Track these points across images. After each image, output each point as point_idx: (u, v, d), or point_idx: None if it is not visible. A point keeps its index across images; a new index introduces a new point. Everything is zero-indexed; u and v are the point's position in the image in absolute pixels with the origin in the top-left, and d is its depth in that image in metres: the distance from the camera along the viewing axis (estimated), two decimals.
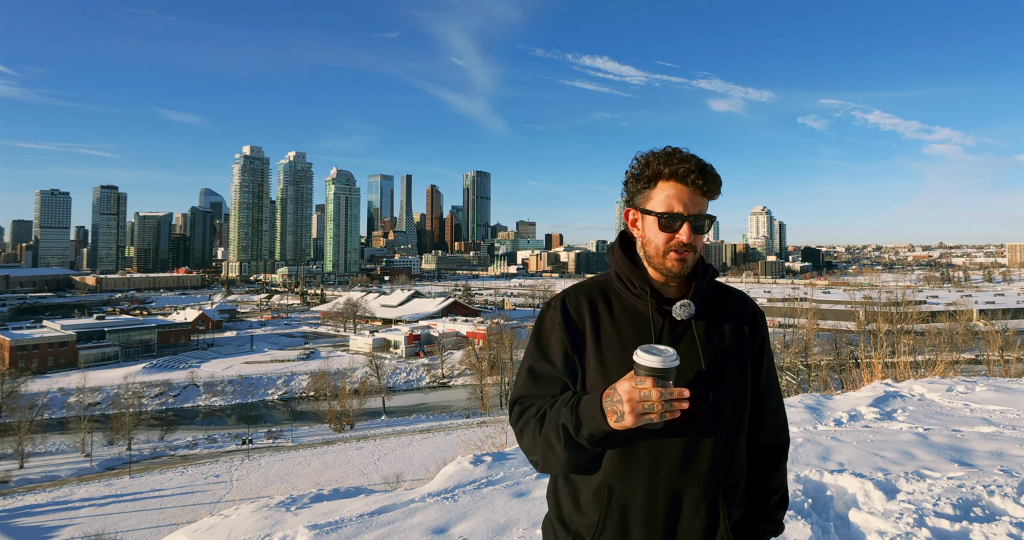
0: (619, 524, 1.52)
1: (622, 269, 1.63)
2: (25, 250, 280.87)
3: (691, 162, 1.53)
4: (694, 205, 1.54)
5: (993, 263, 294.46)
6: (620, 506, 1.52)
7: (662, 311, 1.59)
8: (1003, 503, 4.25)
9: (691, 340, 1.57)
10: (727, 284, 1.76)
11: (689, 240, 1.53)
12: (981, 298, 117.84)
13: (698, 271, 1.63)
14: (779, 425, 1.75)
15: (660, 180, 1.56)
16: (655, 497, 1.50)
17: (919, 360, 12.57)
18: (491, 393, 68.41)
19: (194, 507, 13.25)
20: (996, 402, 8.05)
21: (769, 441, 1.72)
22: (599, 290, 1.66)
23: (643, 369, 1.36)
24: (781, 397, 1.77)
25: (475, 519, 4.43)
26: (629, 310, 1.61)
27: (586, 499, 1.56)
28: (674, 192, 1.54)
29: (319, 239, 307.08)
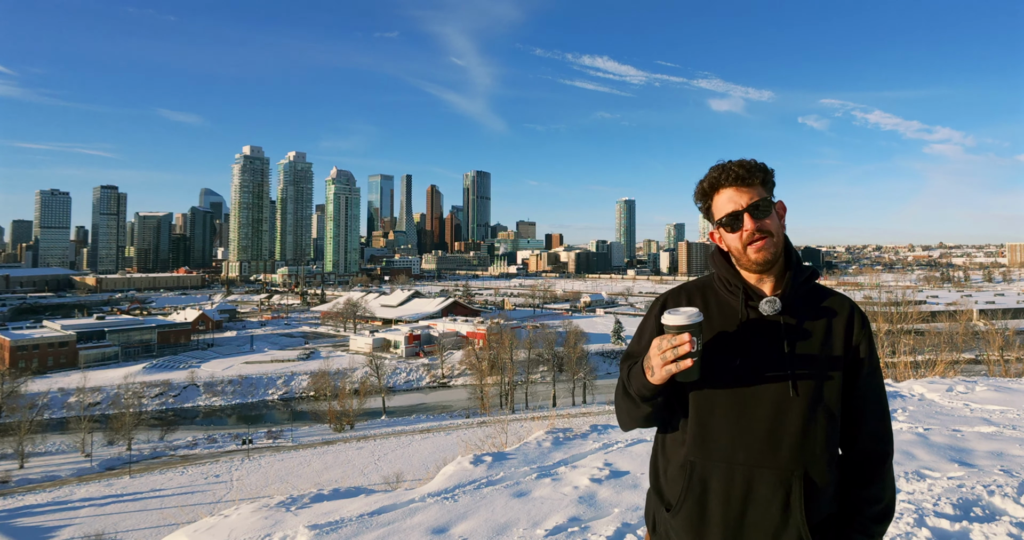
0: (699, 499, 1.64)
1: (720, 270, 1.78)
2: (25, 250, 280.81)
3: (720, 166, 1.72)
4: (744, 197, 1.68)
5: (993, 263, 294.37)
6: (700, 482, 1.65)
7: (751, 306, 1.70)
8: (1003, 503, 4.25)
9: (776, 335, 1.66)
10: (831, 288, 1.81)
11: (755, 226, 1.66)
12: (981, 298, 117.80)
13: (791, 268, 1.74)
14: (880, 433, 1.73)
15: (713, 195, 1.74)
16: (732, 478, 1.61)
17: (919, 360, 12.58)
18: (491, 393, 68.40)
19: (194, 507, 13.25)
20: (996, 402, 8.05)
21: (866, 446, 1.72)
22: (700, 289, 1.82)
23: (669, 328, 1.54)
24: (886, 406, 1.76)
25: (475, 519, 4.43)
26: (723, 306, 1.74)
27: (673, 473, 1.72)
28: (724, 197, 1.71)
29: (319, 239, 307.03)
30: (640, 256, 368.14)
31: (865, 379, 1.71)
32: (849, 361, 1.69)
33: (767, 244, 1.66)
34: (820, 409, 1.62)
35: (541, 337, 79.56)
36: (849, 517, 1.69)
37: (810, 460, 1.60)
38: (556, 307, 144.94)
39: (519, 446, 6.74)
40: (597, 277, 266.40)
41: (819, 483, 1.61)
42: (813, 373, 1.63)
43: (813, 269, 1.76)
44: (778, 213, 1.74)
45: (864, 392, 1.71)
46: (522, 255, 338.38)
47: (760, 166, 1.71)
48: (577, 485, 5.13)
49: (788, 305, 1.69)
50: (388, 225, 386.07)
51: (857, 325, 1.71)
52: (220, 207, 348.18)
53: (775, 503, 1.58)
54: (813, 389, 1.62)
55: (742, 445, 1.61)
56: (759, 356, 1.65)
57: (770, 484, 1.59)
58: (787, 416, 1.61)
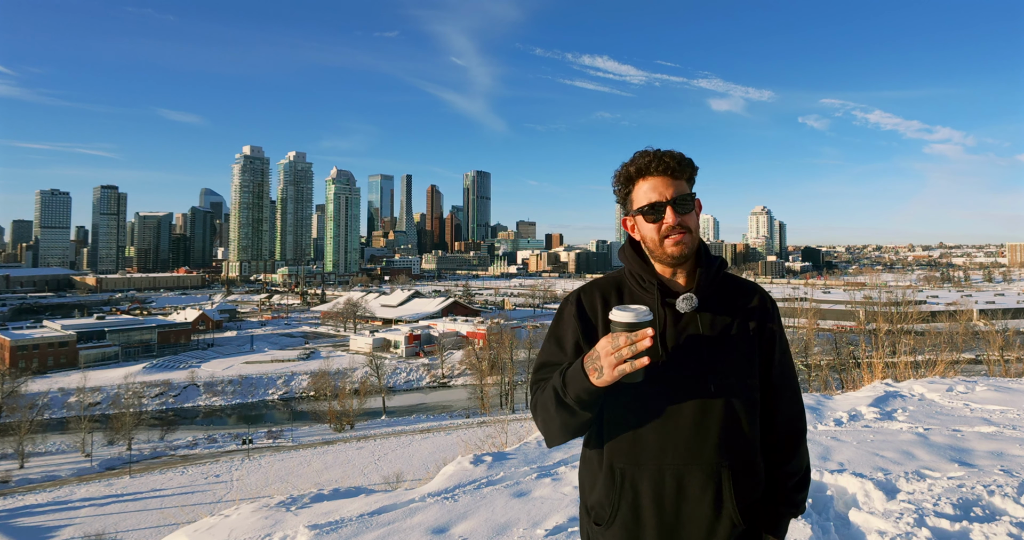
0: (632, 505, 1.63)
1: (632, 265, 1.75)
2: (25, 250, 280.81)
3: (651, 154, 1.68)
4: (670, 189, 1.65)
5: (993, 263, 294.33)
6: (632, 488, 1.63)
7: (667, 304, 1.69)
8: (1003, 503, 4.25)
9: (695, 331, 1.66)
10: (739, 276, 1.81)
11: (676, 221, 1.64)
12: (981, 298, 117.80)
13: (703, 263, 1.72)
14: (794, 413, 1.79)
15: (635, 181, 1.70)
16: (662, 480, 1.61)
17: (919, 360, 12.57)
18: (491, 393, 68.40)
19: (194, 507, 13.26)
20: (996, 402, 8.05)
21: (784, 428, 1.77)
22: (614, 286, 1.78)
23: (618, 326, 1.46)
24: (797, 386, 1.81)
25: (475, 519, 4.43)
26: (639, 301, 1.71)
27: (603, 483, 1.68)
28: (648, 185, 1.67)
29: (319, 239, 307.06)
30: None
31: (778, 366, 1.75)
32: (763, 350, 1.73)
33: (685, 239, 1.64)
34: (740, 401, 1.64)
35: (541, 337, 79.36)
36: (772, 492, 1.74)
37: (735, 451, 1.63)
38: (556, 307, 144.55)
39: (519, 446, 6.75)
40: (597, 277, 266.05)
41: (746, 471, 1.65)
42: (731, 367, 1.65)
43: (722, 260, 1.77)
44: (696, 210, 1.73)
45: (778, 378, 1.75)
46: (522, 255, 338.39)
47: (690, 161, 1.69)
48: (577, 485, 5.13)
49: (703, 300, 1.68)
50: (388, 225, 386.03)
51: (769, 313, 1.75)
52: (220, 207, 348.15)
53: (706, 497, 1.60)
54: (732, 383, 1.64)
55: (670, 446, 1.61)
56: (679, 354, 1.64)
57: (700, 480, 1.60)
58: (710, 412, 1.62)
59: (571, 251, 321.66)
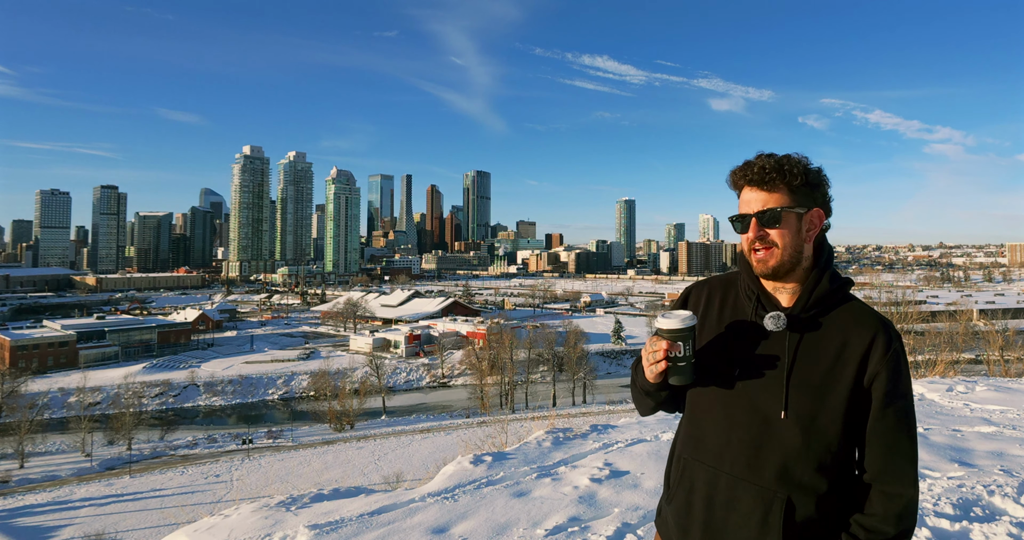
0: (687, 495, 1.68)
1: (742, 271, 1.73)
2: (25, 250, 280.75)
3: (749, 162, 1.62)
4: (759, 202, 1.59)
5: (993, 263, 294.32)
6: (689, 479, 1.68)
7: (759, 317, 1.64)
8: (1003, 503, 4.25)
9: (779, 352, 1.59)
10: (866, 306, 1.65)
11: (755, 234, 1.59)
12: (981, 298, 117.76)
13: (813, 281, 1.61)
14: (889, 469, 1.54)
15: (741, 189, 1.65)
16: (717, 482, 1.62)
17: (919, 360, 12.58)
18: (491, 393, 68.41)
19: (194, 507, 13.24)
20: (996, 402, 8.05)
21: (877, 484, 1.56)
22: (723, 286, 1.78)
23: (658, 331, 1.61)
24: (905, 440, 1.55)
25: (475, 519, 4.43)
26: (738, 309, 1.70)
27: (674, 464, 1.79)
28: (745, 197, 1.63)
29: (319, 239, 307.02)
30: (640, 256, 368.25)
31: (880, 411, 1.54)
32: (860, 390, 1.54)
33: (767, 256, 1.58)
34: (812, 436, 1.53)
35: (541, 337, 79.55)
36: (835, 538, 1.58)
37: (794, 485, 1.53)
38: (556, 307, 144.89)
39: (519, 446, 6.74)
40: (597, 277, 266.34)
41: (804, 509, 1.53)
42: (810, 397, 1.54)
43: (843, 281, 1.64)
44: (811, 223, 1.60)
45: (880, 426, 1.54)
46: (522, 255, 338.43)
47: (788, 169, 1.56)
48: (577, 485, 5.13)
49: (799, 321, 1.59)
50: (388, 225, 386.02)
51: (878, 351, 1.54)
52: (220, 207, 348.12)
53: (754, 518, 1.55)
54: (808, 414, 1.53)
55: (728, 456, 1.60)
56: (758, 370, 1.59)
57: (751, 498, 1.55)
58: (775, 437, 1.55)
59: (571, 251, 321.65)
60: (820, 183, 1.61)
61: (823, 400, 1.54)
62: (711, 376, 1.65)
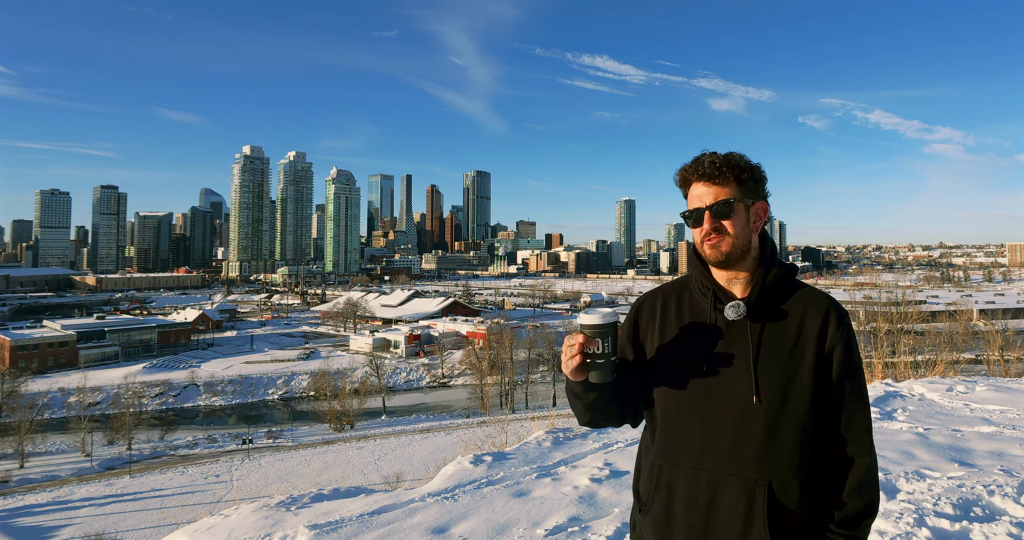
0: (665, 502, 1.66)
1: (694, 270, 1.78)
2: (25, 250, 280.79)
3: (699, 159, 1.70)
4: (712, 195, 1.66)
5: (993, 263, 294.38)
6: (667, 485, 1.67)
7: (719, 310, 1.69)
8: (1003, 503, 4.25)
9: (744, 340, 1.64)
10: (812, 287, 1.73)
11: (711, 226, 1.65)
12: (981, 298, 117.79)
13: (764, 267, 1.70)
14: (849, 440, 1.63)
15: (689, 186, 1.72)
16: (697, 483, 1.62)
17: (919, 360, 12.58)
18: (491, 393, 68.40)
19: (194, 507, 13.24)
20: (996, 402, 8.05)
21: (837, 456, 1.64)
22: (677, 290, 1.83)
23: (581, 327, 1.63)
24: (860, 410, 1.64)
25: (475, 519, 4.43)
26: (695, 308, 1.74)
27: (646, 474, 1.76)
28: (695, 191, 1.70)
29: (319, 239, 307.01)
30: (640, 256, 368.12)
31: (839, 384, 1.63)
32: (821, 365, 1.62)
33: (719, 242, 1.64)
34: (786, 417, 1.58)
35: (541, 337, 79.58)
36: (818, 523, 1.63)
37: (775, 469, 1.57)
38: (556, 307, 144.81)
39: (519, 446, 6.75)
40: (597, 277, 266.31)
41: (786, 492, 1.58)
42: (779, 379, 1.60)
43: (789, 267, 1.72)
44: (756, 214, 1.69)
45: (838, 397, 1.63)
46: (522, 255, 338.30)
47: (735, 163, 1.66)
48: (577, 485, 5.13)
49: (757, 308, 1.66)
50: (388, 225, 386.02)
51: (832, 327, 1.64)
52: (220, 207, 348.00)
53: (738, 511, 1.57)
54: (778, 396, 1.59)
55: (709, 451, 1.61)
56: (726, 361, 1.63)
57: (734, 492, 1.57)
58: (752, 424, 1.58)
59: (571, 251, 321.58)
60: (763, 178, 1.71)
61: (791, 379, 1.61)
62: (681, 376, 1.67)
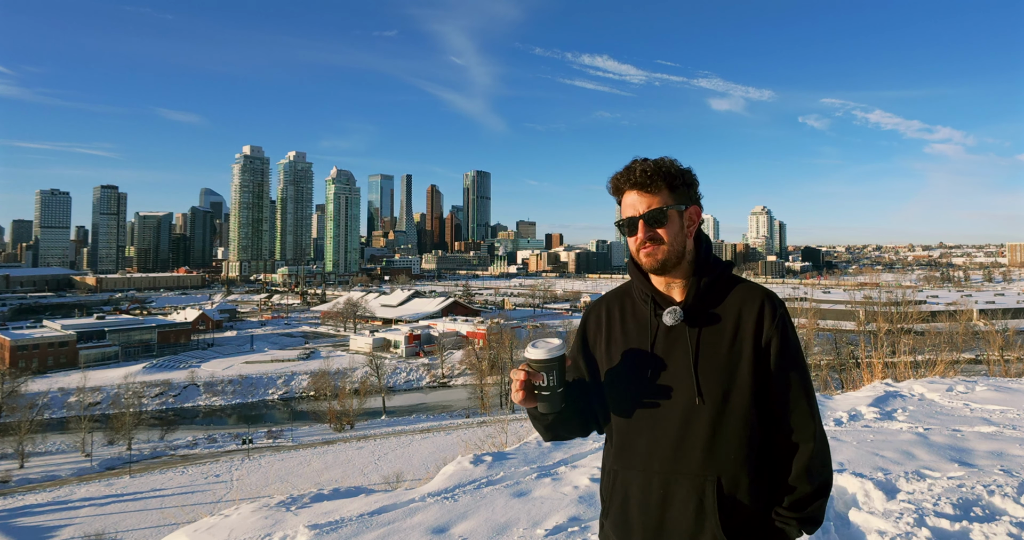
0: (621, 506, 1.72)
1: (633, 277, 1.81)
2: (25, 250, 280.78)
3: (631, 167, 1.70)
4: (644, 203, 1.69)
5: (993, 263, 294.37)
6: (622, 488, 1.72)
7: (658, 315, 1.73)
8: (1003, 503, 4.25)
9: (684, 343, 1.68)
10: (749, 282, 1.76)
11: (645, 235, 1.68)
12: (981, 298, 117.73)
13: (696, 274, 1.73)
14: (793, 429, 1.67)
15: (622, 194, 1.74)
16: (649, 485, 1.67)
17: (919, 360, 12.57)
18: (491, 393, 68.37)
19: (194, 507, 13.26)
20: (996, 402, 8.05)
21: (784, 445, 1.68)
22: (620, 297, 1.85)
23: (528, 362, 1.66)
24: (801, 398, 1.68)
25: (475, 519, 4.43)
26: (638, 315, 1.77)
27: (605, 479, 1.81)
28: (628, 200, 1.71)
29: (319, 239, 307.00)
30: None
31: (777, 374, 1.66)
32: (760, 358, 1.65)
33: (654, 250, 1.67)
34: (729, 413, 1.63)
35: (541, 336, 79.34)
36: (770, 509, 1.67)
37: (723, 465, 1.62)
38: (556, 307, 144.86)
39: (519, 446, 6.75)
40: (597, 277, 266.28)
41: (735, 485, 1.62)
42: (719, 378, 1.63)
43: (723, 266, 1.75)
44: (690, 219, 1.73)
45: (778, 387, 1.67)
46: (522, 255, 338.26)
47: (667, 171, 1.68)
48: (577, 485, 5.14)
49: (693, 312, 1.69)
50: (388, 225, 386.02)
51: (767, 320, 1.66)
52: (220, 207, 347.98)
53: (689, 509, 1.62)
54: (720, 394, 1.63)
55: (657, 454, 1.66)
56: (668, 366, 1.68)
57: (684, 490, 1.62)
58: (696, 423, 1.63)
59: (571, 251, 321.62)
60: (694, 182, 1.74)
61: (731, 377, 1.64)
62: (627, 384, 1.72)
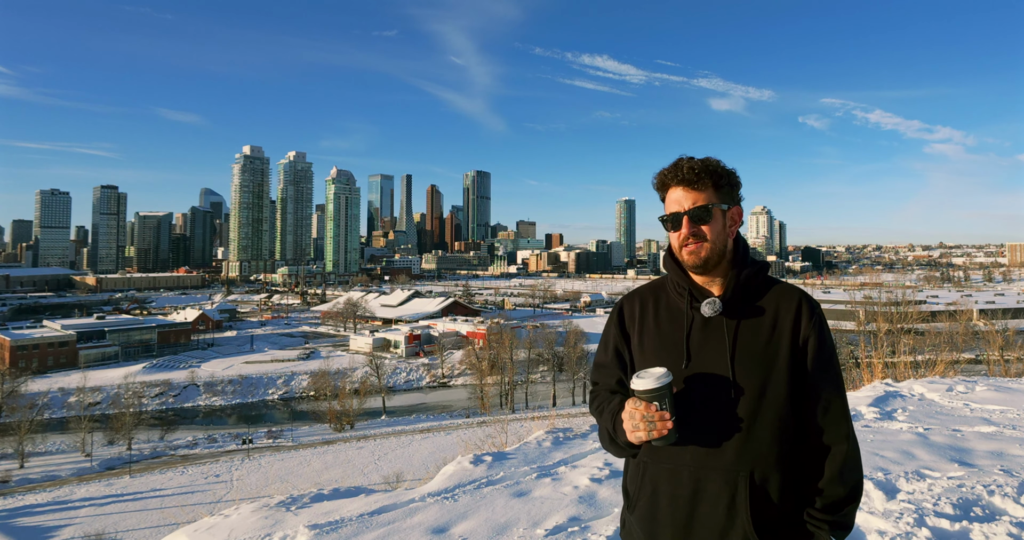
0: (650, 498, 1.71)
1: (669, 271, 1.82)
2: (25, 250, 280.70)
3: (678, 163, 1.74)
4: (690, 200, 1.72)
5: (993, 263, 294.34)
6: (651, 482, 1.72)
7: (695, 308, 1.74)
8: (1003, 503, 4.25)
9: (720, 336, 1.70)
10: (784, 281, 1.80)
11: (689, 231, 1.70)
12: (981, 298, 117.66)
13: (735, 268, 1.76)
14: (829, 428, 1.67)
15: (667, 190, 1.77)
16: (680, 479, 1.67)
17: (919, 360, 12.57)
18: (491, 393, 68.40)
19: (194, 507, 13.26)
20: (996, 402, 8.05)
21: (817, 443, 1.68)
22: (654, 291, 1.87)
23: (635, 393, 1.60)
24: (835, 398, 1.69)
25: (475, 519, 4.43)
26: (672, 308, 1.79)
27: (631, 473, 1.81)
28: (673, 196, 1.74)
29: (319, 239, 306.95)
30: (640, 256, 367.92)
31: (814, 373, 1.68)
32: (797, 356, 1.68)
33: (698, 248, 1.70)
34: (764, 408, 1.63)
35: (541, 337, 79.58)
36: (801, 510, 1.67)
37: (755, 460, 1.62)
38: (556, 307, 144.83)
39: (519, 446, 6.75)
40: (597, 277, 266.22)
41: (767, 482, 1.62)
42: (756, 373, 1.65)
43: (762, 264, 1.77)
44: (731, 219, 1.76)
45: (814, 386, 1.68)
46: (522, 255, 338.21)
47: (713, 169, 1.71)
48: (577, 485, 5.13)
49: (732, 305, 1.71)
50: (388, 225, 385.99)
51: (805, 318, 1.69)
52: (220, 207, 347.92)
53: (721, 503, 1.61)
54: (756, 388, 1.64)
55: (689, 447, 1.65)
56: (704, 358, 1.68)
57: (716, 485, 1.62)
58: (730, 418, 1.63)
59: (571, 251, 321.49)
60: (738, 183, 1.78)
61: (767, 372, 1.66)
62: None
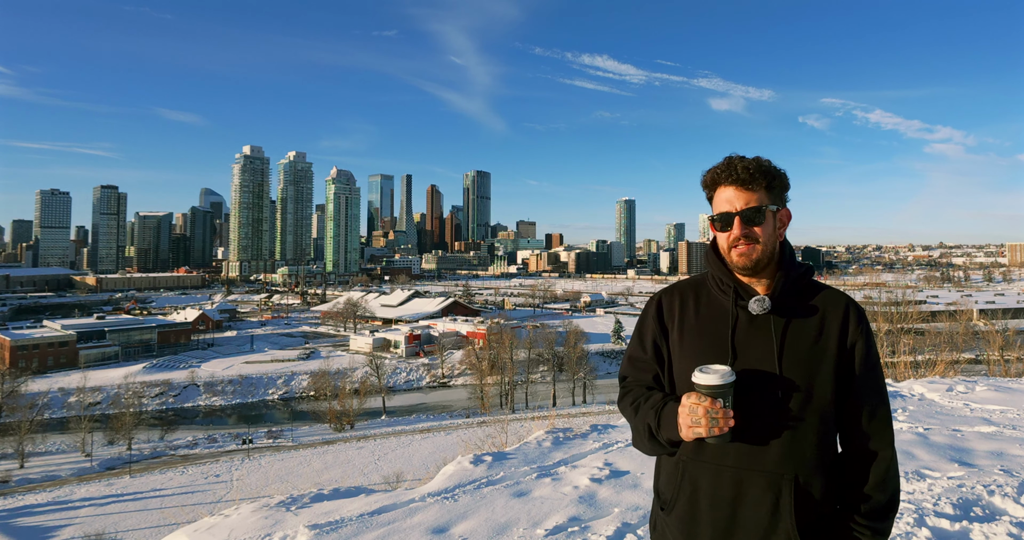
0: (690, 498, 1.67)
1: (712, 268, 1.79)
2: (25, 250, 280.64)
3: (731, 162, 1.70)
4: (742, 201, 1.67)
5: (993, 263, 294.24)
6: (691, 483, 1.67)
7: (741, 306, 1.70)
8: (1003, 503, 4.25)
9: (767, 335, 1.66)
10: (828, 285, 1.78)
11: (741, 232, 1.66)
12: (981, 298, 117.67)
13: (784, 268, 1.72)
14: (871, 434, 1.66)
15: (716, 188, 1.73)
16: (721, 480, 1.62)
17: (919, 360, 12.58)
18: (491, 393, 68.39)
19: (194, 507, 13.25)
20: (996, 402, 8.05)
21: (858, 447, 1.67)
22: (693, 288, 1.83)
23: (698, 387, 1.53)
24: (881, 404, 1.68)
25: (475, 519, 4.43)
26: (714, 305, 1.75)
27: (668, 472, 1.76)
28: (724, 195, 1.70)
29: (319, 239, 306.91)
30: (640, 256, 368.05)
31: (861, 378, 1.66)
32: (844, 360, 1.66)
33: (749, 250, 1.66)
34: (810, 410, 1.60)
35: (541, 337, 79.55)
36: (844, 516, 1.65)
37: (800, 462, 1.59)
38: (556, 307, 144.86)
39: (519, 446, 6.74)
40: (597, 277, 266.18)
41: (811, 485, 1.60)
42: (803, 374, 1.61)
43: (808, 267, 1.76)
44: (780, 220, 1.73)
45: (860, 391, 1.66)
46: (522, 255, 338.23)
47: (767, 170, 1.68)
48: (577, 485, 5.13)
49: (779, 304, 1.68)
50: (388, 225, 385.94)
51: (852, 323, 1.67)
52: (220, 207, 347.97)
53: (764, 506, 1.58)
54: (803, 390, 1.61)
55: (732, 447, 1.61)
56: (749, 357, 1.64)
57: (759, 487, 1.59)
58: (776, 418, 1.60)
59: (571, 251, 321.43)
60: (788, 185, 1.76)
61: (815, 374, 1.63)
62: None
